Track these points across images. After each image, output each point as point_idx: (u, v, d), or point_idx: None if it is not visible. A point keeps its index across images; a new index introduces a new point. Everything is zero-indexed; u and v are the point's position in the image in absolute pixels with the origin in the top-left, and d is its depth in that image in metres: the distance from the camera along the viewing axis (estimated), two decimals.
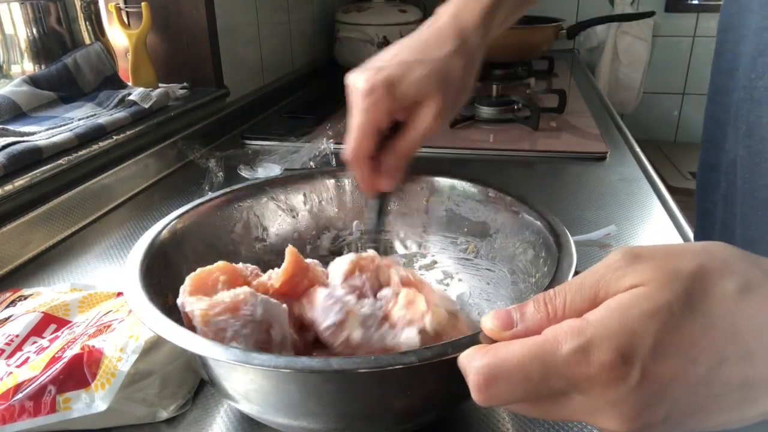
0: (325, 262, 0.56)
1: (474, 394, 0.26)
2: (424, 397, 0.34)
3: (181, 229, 0.48)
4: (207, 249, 0.50)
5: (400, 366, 0.29)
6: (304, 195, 0.57)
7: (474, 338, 0.29)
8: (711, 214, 0.56)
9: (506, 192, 0.50)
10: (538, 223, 0.45)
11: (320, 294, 0.39)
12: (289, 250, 0.41)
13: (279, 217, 0.56)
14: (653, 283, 0.25)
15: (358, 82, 0.48)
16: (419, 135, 0.48)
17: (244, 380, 0.33)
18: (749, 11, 0.48)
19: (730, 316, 0.25)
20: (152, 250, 0.44)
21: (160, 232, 0.46)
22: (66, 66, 0.91)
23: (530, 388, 0.25)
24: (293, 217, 0.56)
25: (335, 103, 1.28)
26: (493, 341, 0.27)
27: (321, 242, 0.57)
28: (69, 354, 0.42)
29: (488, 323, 0.28)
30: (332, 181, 0.57)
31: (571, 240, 0.41)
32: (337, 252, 0.57)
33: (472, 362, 0.26)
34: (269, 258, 0.54)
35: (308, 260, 0.43)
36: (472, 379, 0.26)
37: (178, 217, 0.49)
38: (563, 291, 0.27)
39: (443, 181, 0.55)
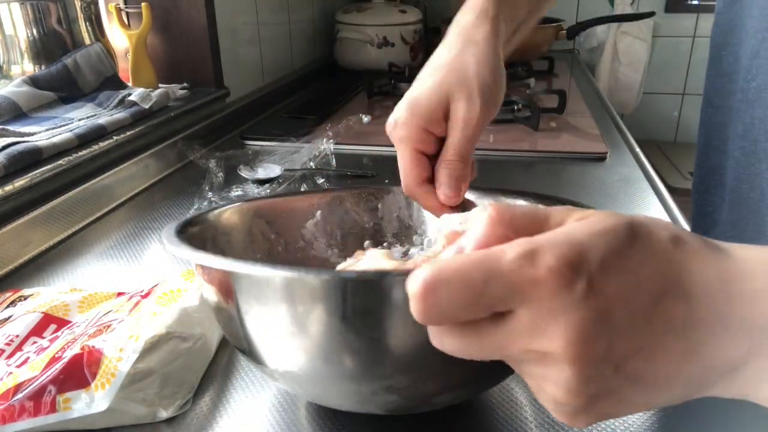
0: None
1: (412, 306, 0.25)
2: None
3: (252, 209, 0.50)
4: (274, 236, 0.51)
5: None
6: (379, 207, 0.56)
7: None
8: (709, 216, 0.56)
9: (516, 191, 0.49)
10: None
11: None
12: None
13: (354, 223, 0.55)
14: (598, 216, 0.25)
15: (388, 121, 0.48)
16: (458, 134, 0.46)
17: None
18: (748, 15, 0.48)
19: (668, 255, 0.25)
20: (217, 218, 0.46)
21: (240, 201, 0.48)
22: (66, 66, 0.91)
23: (470, 297, 0.24)
24: (366, 225, 0.56)
25: (335, 103, 1.28)
26: None
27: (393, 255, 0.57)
28: (69, 354, 0.42)
29: (441, 257, 0.27)
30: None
31: None
32: None
33: (412, 276, 0.25)
34: (336, 261, 0.54)
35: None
36: (410, 290, 0.25)
37: (255, 199, 0.51)
38: (516, 206, 0.27)
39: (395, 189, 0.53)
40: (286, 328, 0.34)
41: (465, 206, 0.48)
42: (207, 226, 0.46)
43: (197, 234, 0.44)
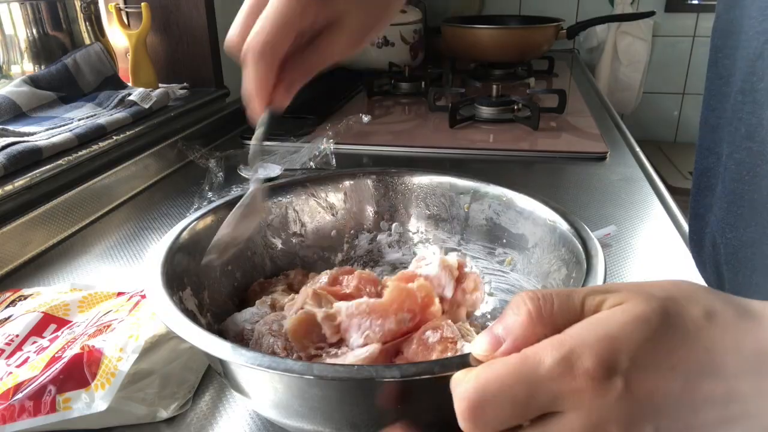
0: (363, 263, 0.56)
1: (461, 422, 0.26)
2: (415, 415, 0.33)
3: (211, 221, 0.49)
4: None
5: (383, 379, 0.29)
6: (345, 194, 0.56)
7: (464, 358, 0.28)
8: (701, 218, 0.56)
9: (551, 204, 0.48)
10: (575, 240, 0.44)
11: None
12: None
13: (318, 214, 0.56)
14: (631, 301, 0.26)
15: None
16: (335, 54, 0.42)
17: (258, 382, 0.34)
18: (748, 17, 0.48)
19: (702, 333, 0.26)
20: (180, 239, 0.45)
21: (188, 225, 0.48)
22: (66, 66, 0.91)
23: (517, 410, 0.25)
24: (333, 215, 0.56)
25: (335, 103, 1.28)
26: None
27: (359, 242, 0.57)
28: (69, 354, 0.42)
29: (476, 348, 0.28)
30: (371, 180, 0.57)
31: (602, 265, 0.40)
32: (374, 252, 0.57)
33: (456, 389, 0.26)
34: (305, 254, 0.54)
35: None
36: (458, 408, 0.26)
37: (211, 210, 0.49)
38: (551, 296, 0.27)
39: (488, 188, 0.53)
40: (285, 407, 0.34)
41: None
42: (177, 257, 0.45)
43: (172, 270, 0.43)
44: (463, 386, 0.26)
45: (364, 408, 0.33)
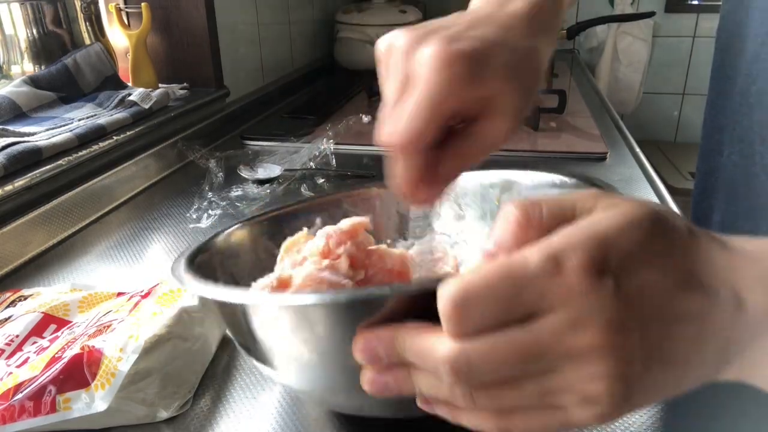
0: None
1: (444, 322, 0.25)
2: None
3: (247, 233, 0.49)
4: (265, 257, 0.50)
5: (374, 297, 0.29)
6: (376, 205, 0.54)
7: (449, 275, 0.28)
8: (705, 218, 0.56)
9: (591, 181, 0.44)
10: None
11: None
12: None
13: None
14: (624, 205, 0.25)
15: (424, 47, 0.33)
16: (496, 139, 0.35)
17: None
18: (750, 19, 0.48)
19: (687, 244, 0.26)
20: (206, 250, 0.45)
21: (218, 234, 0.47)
22: (66, 66, 0.91)
23: (502, 308, 0.24)
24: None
25: (335, 103, 1.28)
26: None
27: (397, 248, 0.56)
28: (69, 354, 0.42)
29: (470, 266, 0.27)
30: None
31: None
32: None
33: (440, 292, 0.25)
34: None
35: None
36: (441, 309, 0.25)
37: (246, 222, 0.49)
38: (539, 202, 0.26)
39: (515, 175, 0.49)
40: (304, 349, 0.33)
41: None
42: (214, 252, 0.46)
43: (206, 262, 0.44)
44: (447, 288, 0.25)
45: (342, 335, 0.32)
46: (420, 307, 0.27)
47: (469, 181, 0.53)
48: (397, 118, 0.34)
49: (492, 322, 0.25)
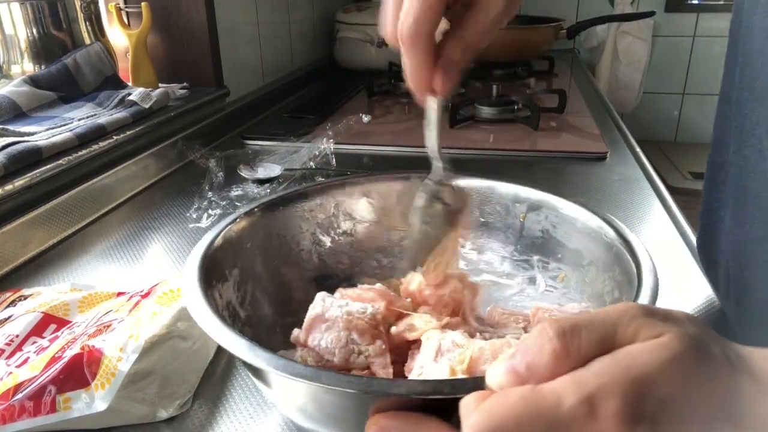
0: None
1: None
2: None
3: (258, 218, 0.49)
4: (279, 238, 0.50)
5: (389, 395, 0.28)
6: (396, 196, 0.54)
7: (477, 381, 0.26)
8: (714, 212, 0.56)
9: (610, 222, 0.45)
10: (630, 260, 0.41)
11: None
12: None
13: (369, 214, 0.54)
14: (667, 336, 0.24)
15: None
16: (492, 18, 0.37)
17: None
18: (756, 14, 0.48)
19: (724, 377, 0.24)
20: (224, 234, 0.45)
21: (235, 219, 0.47)
22: (66, 66, 0.91)
23: None
24: (383, 216, 0.54)
25: (335, 103, 1.28)
26: None
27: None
28: (69, 354, 0.42)
29: (492, 379, 0.25)
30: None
31: (649, 292, 0.37)
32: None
33: (469, 416, 0.24)
34: (353, 254, 0.54)
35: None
36: None
37: (258, 207, 0.49)
38: (579, 330, 0.25)
39: (546, 198, 0.50)
40: (313, 412, 0.34)
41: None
42: (223, 246, 0.45)
43: (214, 262, 0.43)
44: (474, 417, 0.24)
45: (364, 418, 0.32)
46: (440, 403, 0.27)
47: (495, 191, 0.52)
48: (402, 11, 0.35)
49: None
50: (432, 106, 0.42)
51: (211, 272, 0.41)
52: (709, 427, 0.24)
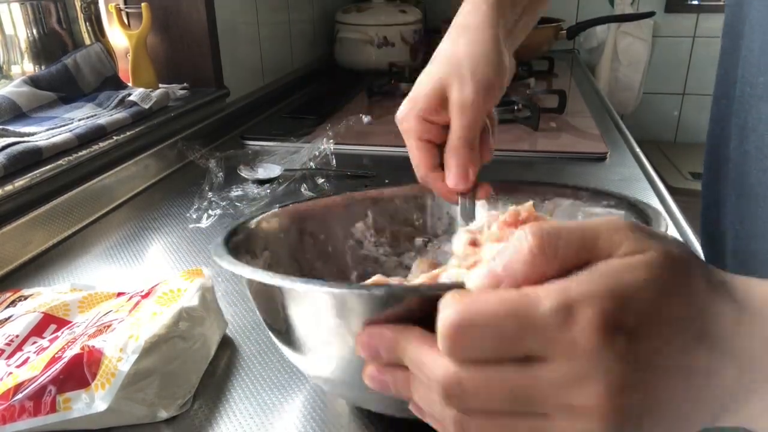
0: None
1: (440, 342, 0.24)
2: None
3: (277, 222, 0.50)
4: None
5: (366, 292, 0.29)
6: (430, 201, 0.55)
7: (458, 285, 0.27)
8: (714, 208, 0.56)
9: (620, 195, 0.47)
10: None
11: None
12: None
13: (402, 219, 0.55)
14: (649, 252, 0.24)
15: (396, 117, 0.49)
16: (456, 119, 0.46)
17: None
18: (755, 9, 0.48)
19: (701, 300, 0.25)
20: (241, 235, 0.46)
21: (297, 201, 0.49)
22: (66, 66, 0.91)
23: (502, 345, 0.23)
24: (417, 222, 0.55)
25: (335, 103, 1.28)
26: None
27: (440, 247, 0.55)
28: (69, 354, 0.42)
29: (471, 282, 0.26)
30: None
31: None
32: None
33: (443, 309, 0.24)
34: (385, 259, 0.54)
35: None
36: (440, 327, 0.24)
37: (274, 213, 0.50)
38: (558, 231, 0.25)
39: (568, 203, 0.50)
40: (336, 340, 0.34)
41: (476, 193, 0.48)
42: (256, 230, 0.47)
43: (245, 239, 0.45)
44: (449, 310, 0.24)
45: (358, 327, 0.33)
46: (431, 310, 0.27)
47: (522, 188, 0.54)
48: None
49: (490, 355, 0.24)
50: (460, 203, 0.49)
51: (240, 246, 0.43)
52: (685, 346, 0.24)
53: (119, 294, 0.54)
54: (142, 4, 1.02)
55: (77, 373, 0.41)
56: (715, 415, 0.26)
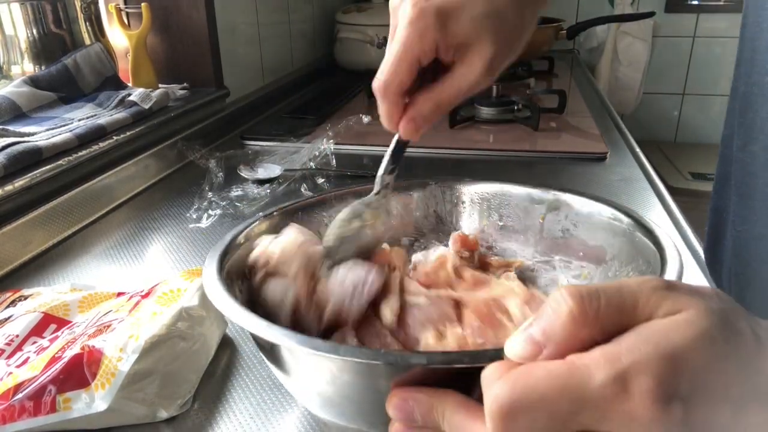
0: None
1: (490, 423, 0.23)
2: None
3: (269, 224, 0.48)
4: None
5: (406, 364, 0.28)
6: (415, 202, 0.54)
7: (498, 352, 0.26)
8: (723, 210, 0.56)
9: (628, 213, 0.45)
10: (653, 248, 0.40)
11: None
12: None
13: (388, 221, 0.53)
14: (692, 311, 0.23)
15: (404, 4, 0.41)
16: (467, 83, 0.41)
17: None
18: (760, 8, 0.48)
19: (753, 353, 0.24)
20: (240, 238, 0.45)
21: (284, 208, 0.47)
22: (66, 66, 0.91)
23: (555, 425, 0.22)
24: (401, 222, 0.54)
25: (335, 103, 1.28)
26: None
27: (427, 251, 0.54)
28: (69, 354, 0.42)
29: (511, 351, 0.25)
30: (440, 189, 0.54)
31: (679, 272, 0.36)
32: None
33: (490, 387, 0.23)
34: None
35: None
36: (489, 409, 0.23)
37: (270, 215, 0.49)
38: (597, 293, 0.24)
39: (565, 197, 0.49)
40: (340, 393, 0.33)
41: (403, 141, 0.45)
42: (245, 245, 0.45)
43: (236, 259, 0.43)
44: (497, 388, 0.23)
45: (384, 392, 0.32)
46: (461, 375, 0.27)
47: (514, 192, 0.52)
48: (381, 66, 0.42)
49: None
50: (393, 141, 0.46)
51: (232, 271, 0.41)
52: (741, 407, 0.23)
53: (119, 294, 0.54)
54: (142, 4, 1.02)
55: (77, 373, 0.41)
56: None
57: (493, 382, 0.23)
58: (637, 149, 1.02)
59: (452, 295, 0.42)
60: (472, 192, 0.54)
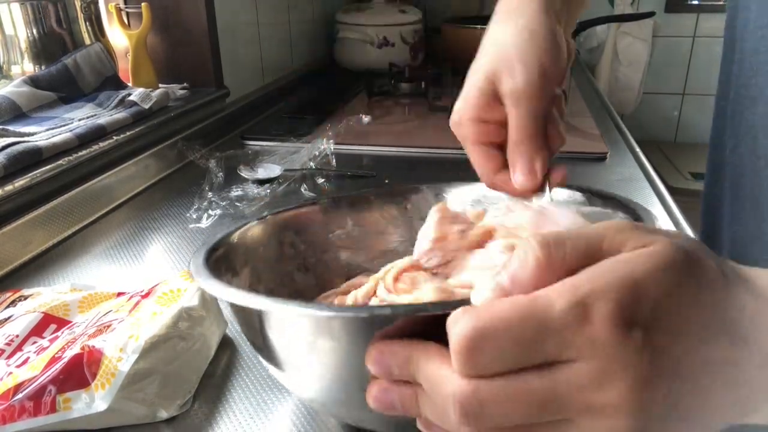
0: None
1: (454, 358, 0.23)
2: None
3: (261, 230, 0.48)
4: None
5: (370, 315, 0.29)
6: (406, 208, 0.54)
7: (466, 301, 0.25)
8: (715, 210, 0.56)
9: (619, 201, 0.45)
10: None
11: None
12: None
13: (382, 227, 0.53)
14: (657, 245, 0.23)
15: (450, 120, 0.45)
16: (513, 111, 0.42)
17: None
18: (748, 10, 0.48)
19: (719, 289, 0.24)
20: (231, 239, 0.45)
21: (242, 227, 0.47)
22: (66, 66, 0.91)
23: (521, 352, 0.23)
24: (395, 228, 0.54)
25: (335, 103, 1.28)
26: None
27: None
28: (69, 354, 0.42)
29: (477, 297, 0.25)
30: (432, 194, 0.55)
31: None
32: None
33: (455, 325, 0.23)
34: (367, 266, 0.52)
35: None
36: (453, 343, 0.23)
37: (262, 219, 0.49)
38: (564, 240, 0.24)
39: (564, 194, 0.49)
40: (321, 361, 0.33)
41: (550, 182, 0.45)
42: (236, 244, 0.45)
43: (225, 255, 0.43)
44: (462, 323, 0.23)
45: (360, 351, 0.31)
46: (440, 324, 0.26)
47: (504, 198, 0.53)
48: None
49: (508, 365, 0.23)
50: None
51: (221, 263, 0.41)
52: (704, 340, 0.23)
53: (119, 294, 0.54)
54: (142, 4, 1.02)
55: (77, 373, 0.41)
56: (743, 413, 0.25)
57: (457, 320, 0.23)
58: (637, 149, 1.02)
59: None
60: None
